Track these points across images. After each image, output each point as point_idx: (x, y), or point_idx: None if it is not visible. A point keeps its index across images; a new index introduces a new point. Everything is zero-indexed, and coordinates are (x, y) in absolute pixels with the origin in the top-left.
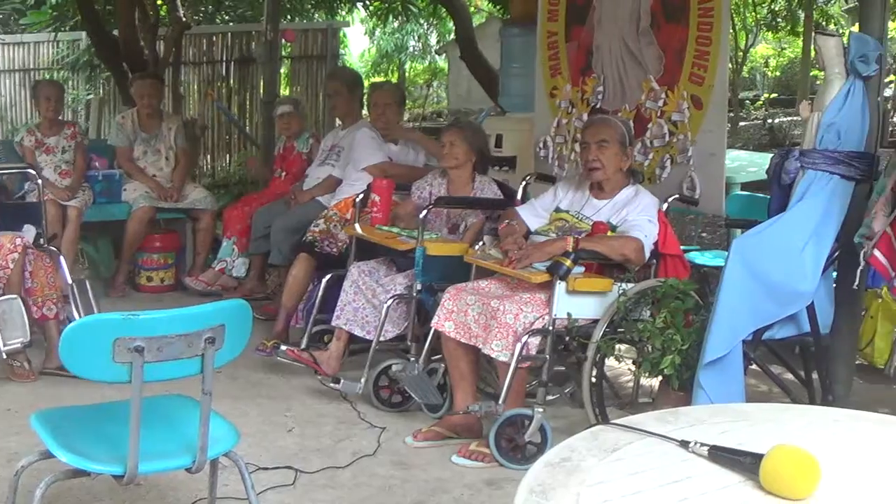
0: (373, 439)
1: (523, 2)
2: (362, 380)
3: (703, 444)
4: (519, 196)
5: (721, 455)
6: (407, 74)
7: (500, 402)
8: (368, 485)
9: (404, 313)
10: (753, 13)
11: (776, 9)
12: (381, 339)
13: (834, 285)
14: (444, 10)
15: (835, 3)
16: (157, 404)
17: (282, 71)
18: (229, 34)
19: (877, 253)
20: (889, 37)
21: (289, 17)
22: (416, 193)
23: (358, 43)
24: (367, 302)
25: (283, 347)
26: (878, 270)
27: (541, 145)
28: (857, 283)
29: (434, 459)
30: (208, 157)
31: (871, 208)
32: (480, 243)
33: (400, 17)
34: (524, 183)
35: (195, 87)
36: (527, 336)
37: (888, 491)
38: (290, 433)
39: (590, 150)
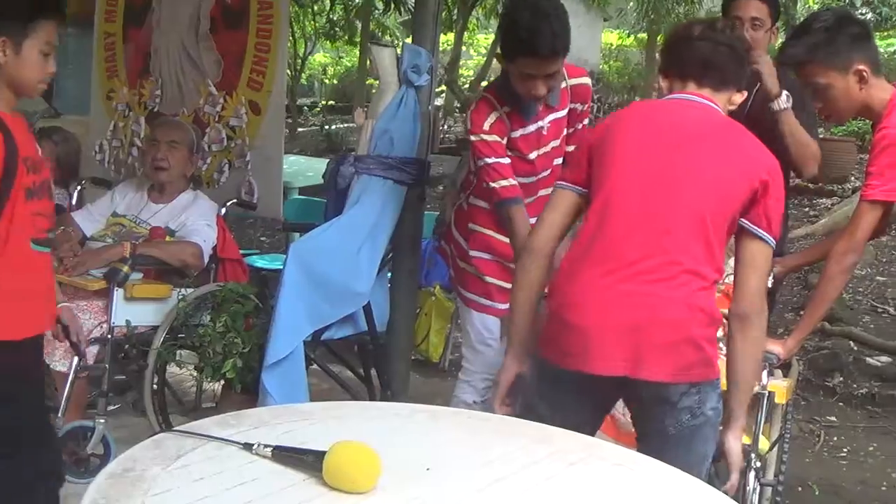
0: None
1: (79, 1)
2: None
3: (266, 446)
4: (73, 201)
5: (285, 455)
6: None
7: (60, 414)
8: None
9: None
10: (312, 22)
11: (335, 18)
12: None
13: (389, 285)
14: None
15: (390, 15)
16: None
17: None
18: None
19: (443, 243)
20: (440, 49)
21: None
22: None
23: None
24: None
25: None
26: (442, 256)
27: (97, 149)
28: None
29: None
30: None
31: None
32: None
33: None
34: (78, 187)
35: None
36: (85, 345)
37: (441, 478)
38: None
39: (159, 148)
